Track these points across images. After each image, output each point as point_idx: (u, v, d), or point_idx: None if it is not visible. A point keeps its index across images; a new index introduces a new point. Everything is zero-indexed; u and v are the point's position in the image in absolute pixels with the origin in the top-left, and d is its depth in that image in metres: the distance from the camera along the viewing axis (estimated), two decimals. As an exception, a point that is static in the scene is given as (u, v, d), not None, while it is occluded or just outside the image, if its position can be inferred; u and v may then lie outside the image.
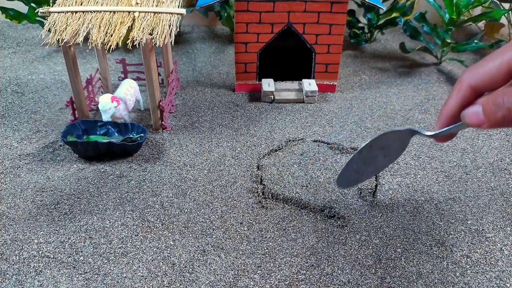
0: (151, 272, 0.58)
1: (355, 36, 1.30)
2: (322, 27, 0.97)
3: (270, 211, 0.68)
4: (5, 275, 0.57)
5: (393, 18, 1.25)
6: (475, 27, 1.44)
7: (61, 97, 1.01)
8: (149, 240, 0.62)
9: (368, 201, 0.70)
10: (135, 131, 0.83)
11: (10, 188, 0.72)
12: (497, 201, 0.71)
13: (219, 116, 0.94)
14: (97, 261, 0.59)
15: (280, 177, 0.75)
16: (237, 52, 1.00)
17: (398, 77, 1.15)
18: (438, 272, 0.58)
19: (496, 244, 0.63)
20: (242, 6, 0.94)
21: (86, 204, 0.69)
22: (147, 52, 0.79)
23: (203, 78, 1.12)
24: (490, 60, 0.35)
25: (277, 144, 0.84)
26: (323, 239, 0.63)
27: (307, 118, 0.94)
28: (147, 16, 0.79)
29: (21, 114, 0.94)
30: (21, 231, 0.64)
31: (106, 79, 0.99)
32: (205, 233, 0.64)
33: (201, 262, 0.59)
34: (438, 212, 0.68)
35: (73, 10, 0.79)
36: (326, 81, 1.04)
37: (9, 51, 1.24)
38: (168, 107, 0.91)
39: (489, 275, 0.58)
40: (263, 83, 1.01)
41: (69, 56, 0.81)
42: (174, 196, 0.71)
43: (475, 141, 0.87)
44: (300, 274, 0.57)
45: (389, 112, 0.97)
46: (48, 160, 0.79)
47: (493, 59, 0.35)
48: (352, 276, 0.57)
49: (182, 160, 0.80)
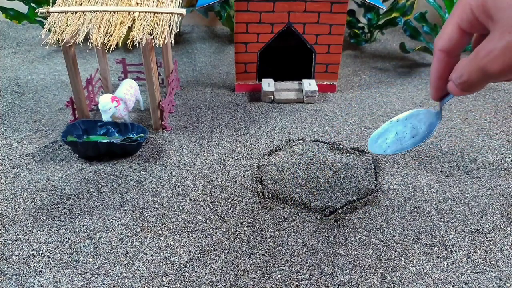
0: (151, 272, 0.57)
1: (355, 36, 1.30)
2: (322, 27, 0.97)
3: (270, 211, 0.68)
4: (5, 275, 0.57)
5: (393, 18, 1.25)
6: (475, 27, 1.44)
7: (61, 97, 1.01)
8: (149, 240, 0.62)
9: (368, 201, 0.70)
10: (135, 131, 0.83)
11: (10, 188, 0.72)
12: (497, 201, 0.71)
13: (219, 116, 0.94)
14: (97, 261, 0.59)
15: (280, 177, 0.75)
16: (237, 52, 1.00)
17: (398, 77, 1.15)
18: (438, 272, 0.58)
19: (496, 244, 0.63)
20: (242, 6, 0.94)
21: (86, 204, 0.69)
22: (147, 52, 0.79)
23: (203, 78, 1.12)
24: (446, 23, 0.40)
25: (277, 144, 0.84)
26: (323, 239, 0.63)
27: (307, 118, 0.94)
28: (147, 16, 0.79)
29: (21, 114, 0.94)
30: (21, 231, 0.64)
31: (106, 79, 0.99)
32: (205, 233, 0.64)
33: (201, 262, 0.59)
34: (438, 212, 0.68)
35: (73, 10, 0.79)
36: (326, 81, 1.04)
37: (9, 51, 1.24)
38: (168, 107, 0.91)
39: (489, 275, 0.58)
40: (263, 83, 1.01)
41: (69, 56, 0.81)
42: (174, 196, 0.71)
43: (475, 141, 0.87)
44: (300, 274, 0.57)
45: (389, 112, 0.97)
46: (48, 160, 0.79)
47: (448, 21, 0.40)
48: (352, 276, 0.57)
49: (182, 160, 0.80)
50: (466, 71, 0.38)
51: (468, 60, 0.37)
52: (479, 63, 0.36)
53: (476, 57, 0.36)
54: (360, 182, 0.74)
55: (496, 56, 0.34)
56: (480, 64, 0.36)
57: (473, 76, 0.37)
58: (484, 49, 0.35)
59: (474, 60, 0.36)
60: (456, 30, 0.39)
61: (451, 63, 0.42)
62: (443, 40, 0.41)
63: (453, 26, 0.39)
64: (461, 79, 0.38)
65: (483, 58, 0.35)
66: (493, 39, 0.34)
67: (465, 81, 0.38)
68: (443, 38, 0.41)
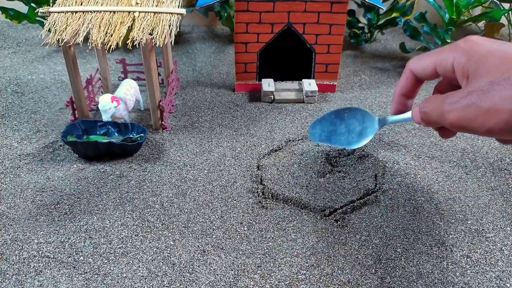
0: (151, 272, 0.58)
1: (355, 36, 1.30)
2: (322, 27, 0.97)
3: (270, 211, 0.68)
4: (5, 275, 0.57)
5: (393, 18, 1.25)
6: (475, 27, 1.44)
7: (61, 97, 1.01)
8: (149, 240, 0.62)
9: (368, 201, 0.70)
10: (135, 131, 0.83)
11: (10, 188, 0.72)
12: (497, 201, 0.71)
13: (219, 116, 0.94)
14: (97, 261, 0.59)
15: (280, 177, 0.75)
16: (237, 52, 1.00)
17: (398, 77, 1.15)
18: (438, 272, 0.58)
19: (496, 244, 0.63)
20: (242, 6, 0.94)
21: (86, 204, 0.69)
22: (147, 52, 0.79)
23: (203, 78, 1.12)
24: (428, 56, 0.44)
25: (277, 144, 0.84)
26: (323, 239, 0.63)
27: (307, 118, 0.94)
28: (147, 16, 0.79)
29: (21, 114, 0.94)
30: (21, 231, 0.64)
31: (106, 79, 0.99)
32: (205, 233, 0.64)
33: (201, 262, 0.59)
34: (438, 212, 0.68)
35: (73, 10, 0.79)
36: (326, 81, 1.04)
37: (9, 51, 1.24)
38: (168, 107, 0.92)
39: (489, 275, 0.58)
40: (263, 83, 1.01)
41: (69, 56, 0.81)
42: (174, 196, 0.71)
43: (475, 141, 0.87)
44: (300, 274, 0.57)
45: (389, 112, 0.97)
46: (48, 160, 0.79)
47: (429, 56, 0.44)
48: (352, 276, 0.57)
49: (182, 160, 0.80)
50: (431, 106, 0.41)
51: (438, 99, 0.41)
52: (442, 106, 0.39)
53: (444, 100, 0.39)
54: (360, 182, 0.74)
55: (457, 109, 0.38)
56: (442, 107, 0.39)
57: (433, 114, 0.41)
58: (452, 98, 0.39)
59: (441, 102, 0.40)
60: (431, 67, 0.43)
61: (417, 86, 0.47)
62: (418, 65, 0.45)
63: (431, 63, 0.43)
64: (425, 109, 0.42)
65: (447, 104, 0.39)
66: (462, 94, 0.38)
67: (426, 113, 0.42)
68: (419, 64, 0.45)
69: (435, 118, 0.41)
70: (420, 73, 0.45)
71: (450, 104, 0.39)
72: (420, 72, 0.45)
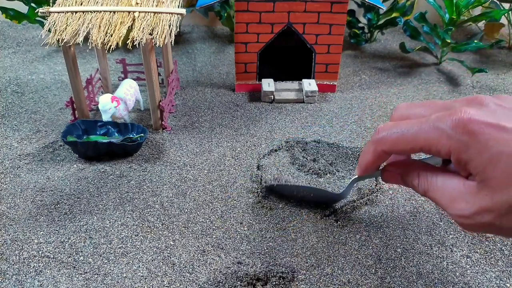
0: (151, 272, 0.58)
1: (355, 36, 1.30)
2: (322, 27, 0.97)
3: (270, 211, 0.68)
4: (5, 275, 0.57)
5: (393, 18, 1.25)
6: (475, 27, 1.44)
7: (61, 97, 1.01)
8: (149, 240, 0.62)
9: (368, 201, 0.70)
10: (135, 131, 0.83)
11: (10, 188, 0.72)
12: (497, 201, 0.71)
13: (219, 116, 0.94)
14: (97, 261, 0.59)
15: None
16: (237, 52, 1.00)
17: (398, 77, 1.15)
18: (438, 272, 0.58)
19: (496, 244, 0.63)
20: (242, 6, 0.94)
21: (86, 204, 0.69)
22: (147, 52, 0.79)
23: (203, 78, 1.12)
24: (407, 136, 0.41)
25: (277, 144, 0.84)
26: (323, 239, 0.63)
27: (307, 118, 0.94)
28: (147, 16, 0.79)
29: (21, 114, 0.94)
30: (21, 231, 0.64)
31: (106, 79, 0.99)
32: (205, 233, 0.64)
33: (201, 262, 0.59)
34: (438, 212, 0.68)
35: (73, 10, 0.79)
36: (326, 81, 1.05)
37: (9, 51, 1.24)
38: (168, 107, 0.92)
39: (489, 275, 0.58)
40: (263, 83, 1.01)
41: (69, 56, 0.81)
42: (174, 196, 0.71)
43: (475, 141, 0.86)
44: (300, 274, 0.57)
45: (389, 112, 0.97)
46: (48, 160, 0.79)
47: (410, 136, 0.41)
48: (352, 276, 0.57)
49: (182, 160, 0.80)
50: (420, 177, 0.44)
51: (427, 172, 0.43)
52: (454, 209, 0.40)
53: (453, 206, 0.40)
54: (360, 182, 0.74)
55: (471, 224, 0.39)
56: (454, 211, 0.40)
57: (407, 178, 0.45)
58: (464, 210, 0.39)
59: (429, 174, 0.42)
60: (415, 150, 0.41)
61: (385, 159, 0.47)
62: (395, 148, 0.43)
63: (415, 148, 0.41)
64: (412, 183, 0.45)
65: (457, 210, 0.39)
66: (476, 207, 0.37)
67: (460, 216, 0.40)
68: (396, 147, 0.43)
69: (407, 182, 0.45)
70: (396, 153, 0.45)
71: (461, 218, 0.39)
72: (396, 153, 0.45)
